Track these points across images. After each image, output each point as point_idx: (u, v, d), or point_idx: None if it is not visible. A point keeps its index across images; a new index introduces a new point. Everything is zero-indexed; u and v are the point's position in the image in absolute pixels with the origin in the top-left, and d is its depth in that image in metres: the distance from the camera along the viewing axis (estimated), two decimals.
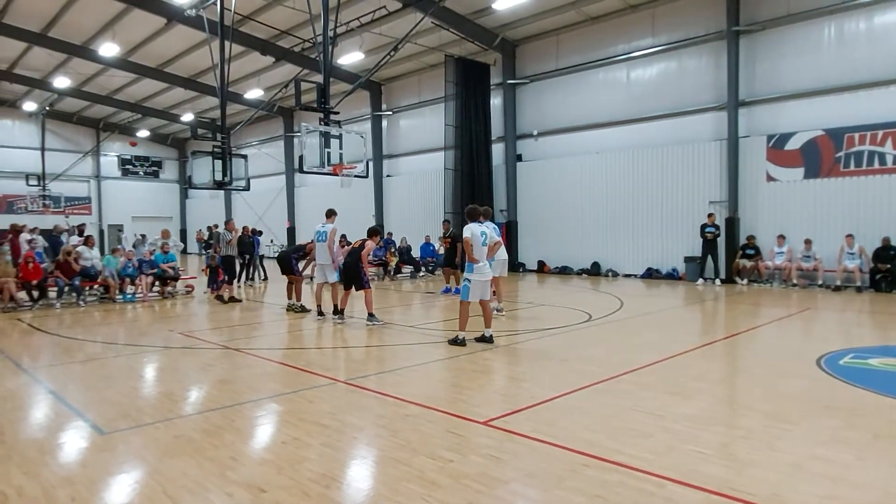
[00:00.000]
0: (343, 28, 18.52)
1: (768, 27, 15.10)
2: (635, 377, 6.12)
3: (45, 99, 30.62)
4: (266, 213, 31.89)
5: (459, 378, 6.33)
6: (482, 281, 7.79)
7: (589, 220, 18.94)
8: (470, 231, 7.81)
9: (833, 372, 6.22)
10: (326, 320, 10.26)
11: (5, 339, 9.09)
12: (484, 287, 7.86)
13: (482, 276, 7.76)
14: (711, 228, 15.63)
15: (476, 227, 7.89)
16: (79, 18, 20.25)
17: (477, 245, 7.74)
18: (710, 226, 15.67)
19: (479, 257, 7.75)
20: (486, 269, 7.89)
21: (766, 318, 10.30)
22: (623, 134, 18.11)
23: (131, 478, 3.82)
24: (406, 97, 24.74)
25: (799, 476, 3.68)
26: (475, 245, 7.72)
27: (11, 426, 4.88)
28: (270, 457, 4.17)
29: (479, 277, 7.72)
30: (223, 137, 16.94)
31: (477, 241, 7.75)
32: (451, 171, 20.51)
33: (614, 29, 18.03)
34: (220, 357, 7.59)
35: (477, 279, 7.71)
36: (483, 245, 7.82)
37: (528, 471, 3.79)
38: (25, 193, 31.99)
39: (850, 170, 13.98)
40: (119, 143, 36.83)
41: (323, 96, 13.30)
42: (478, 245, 7.75)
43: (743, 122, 15.61)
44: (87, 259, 13.41)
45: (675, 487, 3.50)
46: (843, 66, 14.04)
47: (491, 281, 8.29)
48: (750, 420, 4.75)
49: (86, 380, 6.49)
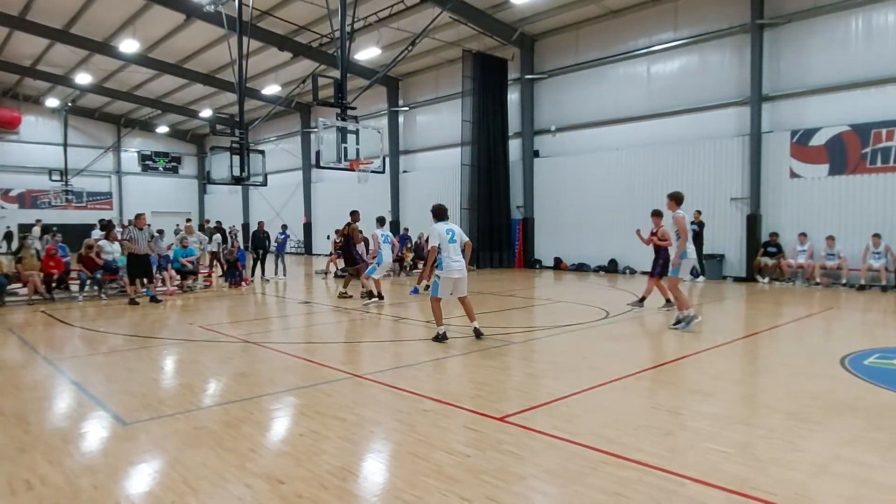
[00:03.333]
0: (360, 23, 18.57)
1: (794, 20, 14.83)
2: (654, 374, 6.05)
3: (67, 95, 31.13)
4: (283, 209, 32.13)
5: (476, 374, 6.31)
6: (451, 278, 7.87)
7: (606, 217, 18.77)
8: (436, 231, 7.94)
9: (857, 372, 6.10)
10: (351, 311, 10.32)
11: (30, 330, 9.27)
12: (457, 284, 7.94)
13: (450, 274, 7.85)
14: (694, 226, 15.46)
15: (442, 227, 7.99)
16: (100, 15, 20.53)
17: (444, 243, 7.86)
18: (695, 223, 15.51)
19: (448, 255, 7.85)
20: (455, 266, 7.92)
21: (788, 316, 10.13)
22: (643, 130, 17.92)
23: (152, 468, 3.86)
24: (423, 93, 24.72)
25: (822, 477, 3.61)
26: (442, 243, 7.86)
27: (36, 416, 4.97)
28: (289, 449, 4.19)
29: (447, 274, 7.84)
30: (241, 133, 17.06)
31: (444, 239, 7.87)
32: (467, 167, 20.48)
33: (635, 23, 17.83)
34: (240, 350, 7.66)
35: (445, 276, 7.84)
36: (451, 242, 7.90)
37: (546, 467, 3.76)
38: (48, 188, 32.58)
39: (876, 166, 13.69)
40: (139, 139, 37.35)
41: (340, 92, 13.32)
42: (445, 243, 7.86)
43: (766, 118, 15.36)
44: (109, 253, 13.60)
45: (695, 486, 3.45)
46: (871, 60, 13.73)
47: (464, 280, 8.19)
48: (772, 419, 4.67)
49: (108, 371, 6.58)
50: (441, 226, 8.02)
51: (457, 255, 7.95)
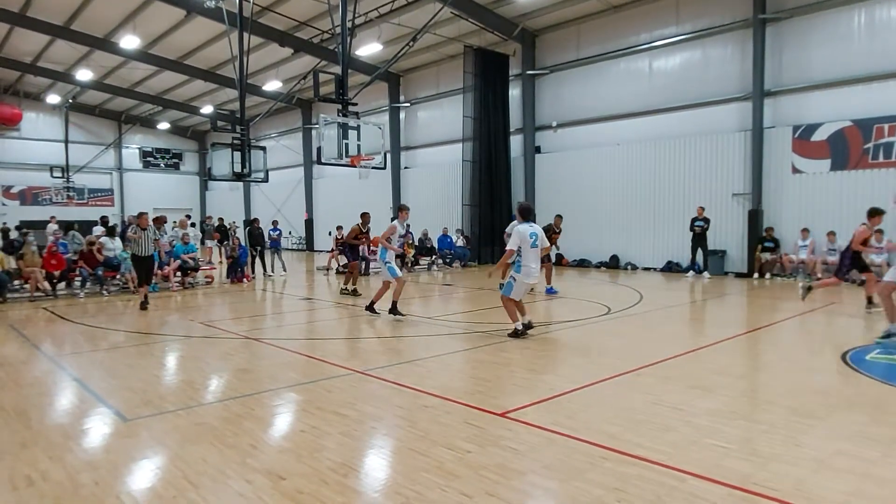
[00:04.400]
0: (362, 19, 18.52)
1: (796, 15, 14.74)
2: (656, 370, 6.05)
3: (67, 92, 31.09)
4: (284, 205, 32.12)
5: (478, 370, 6.31)
6: (528, 283, 7.69)
7: (608, 213, 18.74)
8: (520, 232, 7.59)
9: (859, 367, 6.09)
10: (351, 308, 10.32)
11: (31, 326, 9.29)
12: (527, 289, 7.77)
13: (528, 279, 7.63)
14: (700, 222, 15.43)
15: (526, 229, 7.63)
16: (100, 11, 20.48)
17: (525, 247, 7.55)
18: (700, 219, 15.46)
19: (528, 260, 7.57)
20: (534, 273, 7.68)
21: (789, 312, 10.11)
22: (645, 125, 17.86)
23: (153, 463, 3.87)
24: (424, 88, 24.66)
25: (823, 472, 3.60)
26: (524, 246, 7.54)
27: (37, 412, 4.98)
28: (289, 445, 4.20)
29: (524, 279, 7.60)
30: (242, 129, 17.06)
31: (526, 242, 7.55)
32: (469, 163, 20.45)
33: (637, 18, 17.75)
34: (240, 347, 7.67)
35: (522, 280, 7.60)
36: (532, 247, 7.59)
37: (546, 463, 3.76)
38: (50, 185, 32.58)
39: (878, 161, 13.64)
40: (140, 136, 37.32)
41: (341, 88, 13.31)
42: (526, 247, 7.55)
43: (768, 113, 15.30)
44: (110, 249, 13.62)
45: (696, 482, 3.45)
46: (874, 55, 13.66)
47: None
48: (773, 415, 4.67)
49: (109, 367, 6.59)
50: (525, 228, 7.64)
51: (536, 261, 7.67)
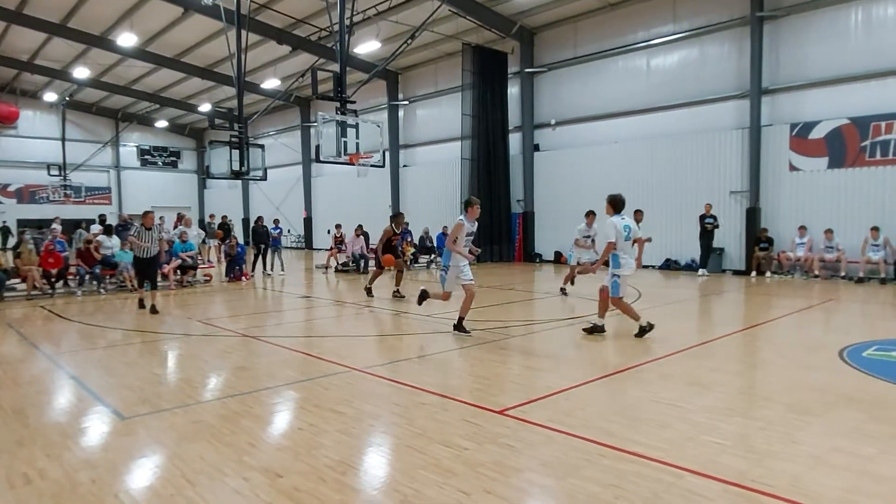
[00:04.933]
0: (360, 16, 18.49)
1: (793, 12, 14.77)
2: (653, 367, 6.06)
3: (64, 89, 31.03)
4: (283, 203, 32.09)
5: (475, 367, 6.31)
6: (627, 276, 7.67)
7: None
8: (613, 225, 7.49)
9: (856, 364, 6.11)
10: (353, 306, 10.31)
11: (29, 325, 9.27)
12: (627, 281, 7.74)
13: (627, 271, 7.59)
14: (710, 219, 15.45)
15: (619, 221, 7.51)
16: (97, 8, 20.43)
17: (620, 240, 7.49)
18: (709, 217, 15.47)
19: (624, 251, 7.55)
20: (632, 263, 7.65)
21: (787, 309, 10.14)
22: (642, 123, 17.87)
23: (151, 462, 3.87)
24: (423, 86, 24.64)
25: (820, 468, 3.61)
26: (619, 239, 7.47)
27: (35, 410, 4.97)
28: (287, 443, 4.20)
29: (625, 272, 7.56)
30: (240, 127, 17.03)
31: (620, 235, 7.49)
32: (467, 161, 20.44)
33: (634, 16, 17.75)
34: (238, 345, 7.66)
35: (626, 274, 7.58)
36: (626, 240, 7.55)
37: (543, 460, 3.77)
38: (47, 183, 32.53)
39: (875, 159, 13.67)
40: (138, 134, 37.24)
41: (339, 86, 13.30)
42: (621, 240, 7.50)
43: (765, 111, 15.32)
44: (108, 248, 13.60)
45: (692, 478, 3.45)
46: (870, 53, 13.69)
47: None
48: (770, 411, 4.68)
49: (107, 366, 6.59)
50: (618, 220, 7.50)
51: (631, 253, 7.62)
